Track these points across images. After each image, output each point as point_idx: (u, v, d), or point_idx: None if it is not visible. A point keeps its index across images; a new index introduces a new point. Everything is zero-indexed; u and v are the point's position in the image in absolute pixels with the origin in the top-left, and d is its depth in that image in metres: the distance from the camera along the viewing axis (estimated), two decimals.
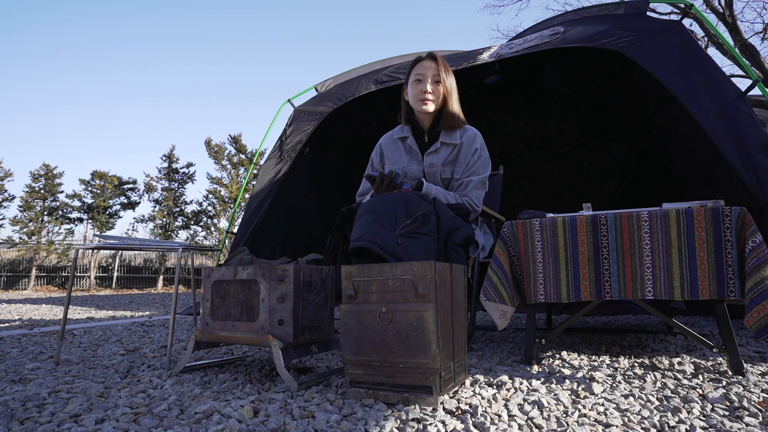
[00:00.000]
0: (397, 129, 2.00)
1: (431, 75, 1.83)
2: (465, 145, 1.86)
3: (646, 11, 2.81)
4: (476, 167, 1.85)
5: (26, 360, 1.88)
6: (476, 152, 1.86)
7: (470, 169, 1.85)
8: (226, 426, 1.00)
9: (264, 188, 3.90)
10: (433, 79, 1.84)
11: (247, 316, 1.47)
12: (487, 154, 1.91)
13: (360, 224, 1.46)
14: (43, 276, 13.88)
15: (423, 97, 1.82)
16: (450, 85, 1.86)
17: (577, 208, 1.78)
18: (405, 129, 1.96)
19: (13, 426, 1.06)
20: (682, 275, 1.44)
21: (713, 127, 2.28)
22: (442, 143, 1.86)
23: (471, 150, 1.85)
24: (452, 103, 1.86)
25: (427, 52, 1.90)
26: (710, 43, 9.10)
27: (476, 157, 1.86)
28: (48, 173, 13.79)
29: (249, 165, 14.07)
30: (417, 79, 1.85)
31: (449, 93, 1.85)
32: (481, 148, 1.88)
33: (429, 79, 1.83)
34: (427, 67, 1.85)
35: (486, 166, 1.89)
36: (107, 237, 1.91)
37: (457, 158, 1.85)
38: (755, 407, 1.09)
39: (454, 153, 1.86)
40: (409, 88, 1.89)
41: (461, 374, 1.31)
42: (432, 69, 1.84)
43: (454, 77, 1.90)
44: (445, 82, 1.83)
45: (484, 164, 1.88)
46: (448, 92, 1.85)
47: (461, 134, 1.88)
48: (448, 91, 1.85)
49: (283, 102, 4.13)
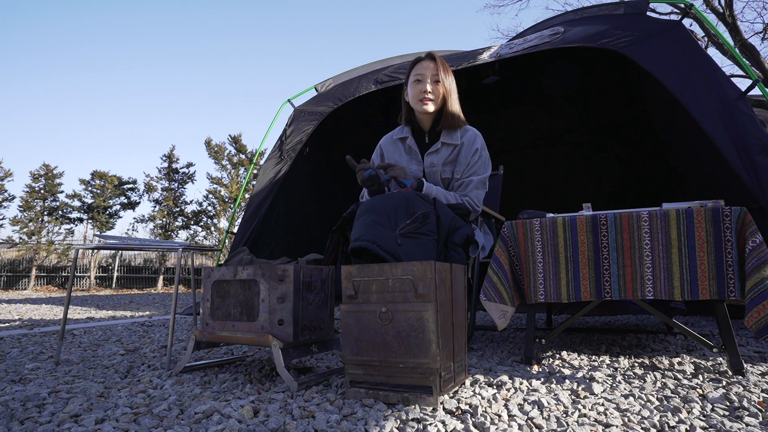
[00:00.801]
0: (397, 130, 2.00)
1: (430, 75, 1.84)
2: (465, 146, 1.86)
3: (646, 11, 2.81)
4: (477, 167, 1.86)
5: (26, 360, 1.88)
6: (477, 152, 1.86)
7: (471, 169, 1.85)
8: (226, 426, 1.00)
9: (264, 188, 3.90)
10: (432, 79, 1.84)
11: (247, 316, 1.47)
12: (487, 154, 1.92)
13: (360, 224, 1.46)
14: (43, 276, 13.88)
15: (422, 97, 1.83)
16: (449, 85, 1.86)
17: (577, 208, 1.78)
18: (405, 130, 1.96)
19: (13, 426, 1.06)
20: (682, 275, 1.44)
21: (713, 127, 2.28)
22: (443, 143, 1.87)
23: (471, 150, 1.86)
24: (452, 102, 1.86)
25: (426, 53, 1.90)
26: (710, 43, 9.10)
27: (477, 157, 1.86)
28: (48, 173, 13.79)
29: (249, 165, 14.07)
30: (416, 79, 1.86)
31: (448, 93, 1.85)
32: (481, 149, 1.89)
33: (428, 80, 1.83)
34: (426, 67, 1.85)
35: (486, 166, 1.89)
36: (107, 237, 1.91)
37: (458, 158, 1.86)
38: (755, 407, 1.09)
39: (454, 153, 1.86)
40: (409, 88, 1.89)
41: (461, 374, 1.31)
42: (431, 69, 1.84)
43: (453, 77, 1.90)
44: (444, 82, 1.84)
45: (484, 164, 1.88)
46: (447, 92, 1.85)
47: (462, 134, 1.88)
48: (448, 91, 1.85)
49: (283, 102, 4.13)
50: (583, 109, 4.62)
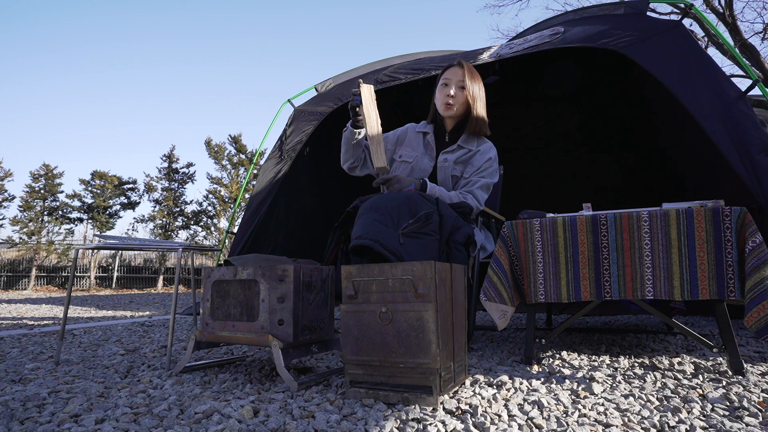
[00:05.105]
0: (422, 123, 2.11)
1: (456, 81, 1.94)
2: (481, 152, 1.97)
3: (646, 11, 2.81)
4: (486, 172, 1.95)
5: (26, 360, 1.88)
6: (489, 160, 1.97)
7: (481, 172, 1.95)
8: (226, 426, 1.00)
9: (264, 188, 3.90)
10: (458, 84, 1.94)
11: (247, 316, 1.47)
12: (497, 166, 2.02)
13: (362, 222, 1.46)
14: (43, 276, 13.88)
15: (446, 101, 1.94)
16: (475, 91, 1.96)
17: (577, 208, 1.78)
18: (428, 126, 2.07)
19: (13, 426, 1.06)
20: (682, 275, 1.44)
21: (713, 127, 2.28)
22: (460, 146, 1.97)
23: (485, 158, 1.96)
24: (477, 108, 1.96)
25: (458, 59, 2.01)
26: (710, 43, 9.10)
27: (489, 164, 1.96)
28: (48, 173, 13.79)
29: (249, 165, 14.07)
30: (444, 83, 1.97)
31: (474, 99, 1.95)
32: (494, 159, 1.99)
33: (454, 85, 1.94)
34: (454, 72, 1.96)
35: (494, 175, 1.99)
36: (107, 237, 1.91)
37: (470, 160, 1.96)
38: (755, 407, 1.09)
39: (468, 155, 1.96)
40: (437, 91, 2.01)
41: (461, 374, 1.31)
42: (458, 75, 1.94)
43: (482, 85, 2.00)
44: (469, 88, 1.93)
45: (493, 173, 1.98)
46: (472, 98, 1.95)
47: (479, 144, 2.00)
48: (473, 97, 1.95)
49: (283, 102, 4.13)
50: (583, 109, 4.61)
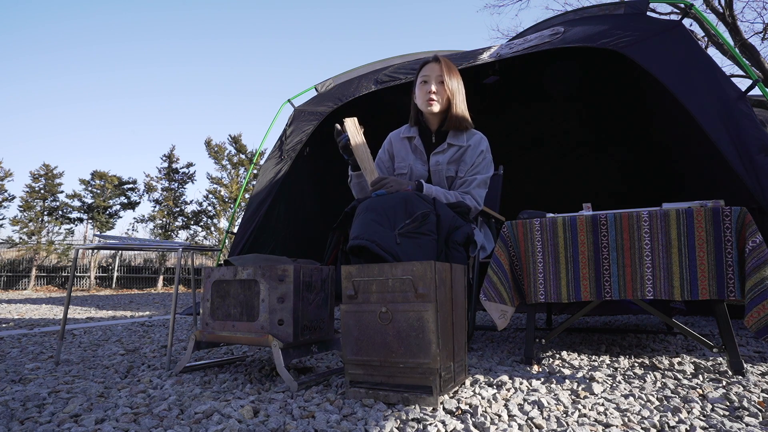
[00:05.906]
0: (404, 128, 2.06)
1: (435, 76, 1.90)
2: (472, 147, 1.92)
3: (646, 11, 2.81)
4: (480, 167, 1.92)
5: (26, 360, 1.88)
6: (482, 154, 1.93)
7: (474, 168, 1.91)
8: (226, 426, 1.00)
9: (264, 188, 3.90)
10: (437, 80, 1.90)
11: (247, 316, 1.47)
12: (491, 157, 1.98)
13: (359, 222, 1.46)
14: (43, 276, 13.89)
15: (428, 97, 1.89)
16: (454, 86, 1.92)
17: (577, 208, 1.78)
18: (412, 129, 2.02)
19: (13, 426, 1.06)
20: (682, 275, 1.43)
21: (713, 127, 2.28)
22: (449, 144, 1.93)
23: (477, 152, 1.92)
24: (457, 103, 1.92)
25: (433, 55, 1.96)
26: (710, 43, 9.10)
27: (481, 158, 1.92)
28: (48, 173, 13.80)
29: (249, 165, 14.07)
30: (423, 80, 1.92)
31: (453, 94, 1.90)
32: (486, 151, 1.95)
33: (433, 80, 1.89)
34: (431, 69, 1.91)
35: (489, 167, 1.95)
36: (107, 237, 1.91)
37: (462, 158, 1.92)
38: (755, 407, 1.09)
39: (459, 153, 1.92)
40: (416, 90, 1.96)
41: (461, 374, 1.31)
42: (436, 71, 1.90)
43: (460, 79, 1.96)
44: (448, 83, 1.89)
45: (487, 166, 1.95)
46: (452, 93, 1.90)
47: (468, 137, 1.95)
48: (452, 92, 1.90)
49: (283, 102, 4.13)
50: (583, 109, 4.61)
